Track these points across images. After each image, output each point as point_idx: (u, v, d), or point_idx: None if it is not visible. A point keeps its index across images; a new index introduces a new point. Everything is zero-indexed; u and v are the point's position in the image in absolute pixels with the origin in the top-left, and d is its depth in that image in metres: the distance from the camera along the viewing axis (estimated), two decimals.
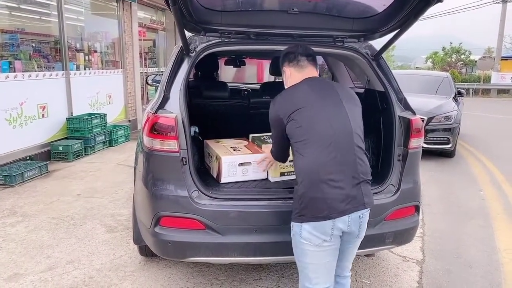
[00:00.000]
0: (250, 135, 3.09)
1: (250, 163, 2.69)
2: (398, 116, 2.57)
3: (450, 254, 3.39)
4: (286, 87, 2.12)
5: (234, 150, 2.82)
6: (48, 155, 5.89)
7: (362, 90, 3.28)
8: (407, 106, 2.62)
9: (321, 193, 1.80)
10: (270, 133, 3.36)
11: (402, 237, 2.57)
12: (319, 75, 2.22)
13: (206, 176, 2.73)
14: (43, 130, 5.95)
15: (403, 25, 2.40)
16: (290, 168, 2.70)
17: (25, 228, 3.60)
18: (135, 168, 2.75)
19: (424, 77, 9.07)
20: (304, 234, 1.84)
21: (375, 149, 2.98)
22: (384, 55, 2.81)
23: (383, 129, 2.73)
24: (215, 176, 2.69)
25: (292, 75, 2.09)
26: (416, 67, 35.89)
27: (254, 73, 9.54)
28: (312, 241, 1.84)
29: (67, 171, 5.44)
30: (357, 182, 1.84)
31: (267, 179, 2.74)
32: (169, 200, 2.26)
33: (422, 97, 6.92)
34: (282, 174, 2.76)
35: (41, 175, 5.12)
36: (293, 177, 2.72)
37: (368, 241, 2.45)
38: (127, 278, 2.83)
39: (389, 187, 2.49)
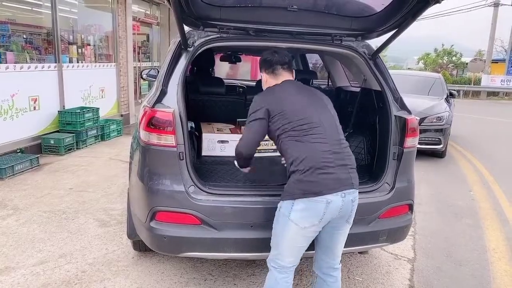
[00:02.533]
0: (237, 120, 3.63)
1: (228, 141, 3.25)
2: (394, 115, 2.59)
3: (440, 253, 3.44)
4: (264, 88, 2.29)
5: (218, 130, 3.36)
6: (39, 148, 5.82)
7: (358, 89, 3.30)
8: (403, 106, 2.65)
9: (317, 177, 1.90)
10: None
11: (396, 235, 2.60)
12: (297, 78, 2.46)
13: (203, 171, 2.73)
14: (34, 122, 5.87)
15: (401, 25, 2.42)
16: (261, 146, 3.19)
17: (16, 221, 3.55)
18: (130, 163, 2.73)
19: (417, 77, 9.15)
20: (293, 215, 1.90)
21: (370, 148, 3.00)
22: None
23: (379, 128, 2.76)
24: (199, 151, 3.18)
25: (267, 82, 2.26)
26: (408, 68, 36.16)
27: (248, 70, 9.53)
28: (299, 223, 1.90)
29: (59, 164, 5.38)
30: (345, 168, 1.98)
31: None
32: (165, 195, 2.25)
33: (414, 98, 6.97)
34: (258, 151, 3.15)
35: (32, 168, 5.06)
36: (267, 154, 3.28)
37: (362, 239, 2.49)
38: (120, 273, 2.81)
39: (384, 185, 2.52)
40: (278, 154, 3.31)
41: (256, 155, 3.24)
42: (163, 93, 2.35)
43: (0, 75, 5.20)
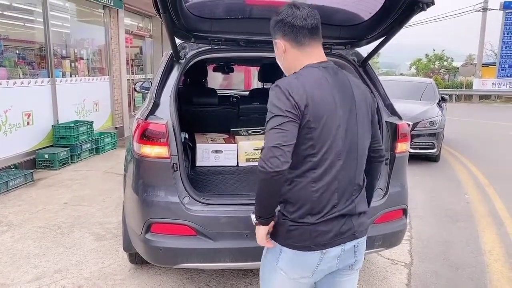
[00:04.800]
0: (231, 129, 3.74)
1: (222, 151, 3.31)
2: (385, 121, 2.62)
3: (437, 257, 3.45)
4: (286, 69, 1.60)
5: (211, 140, 3.43)
6: (34, 164, 5.80)
7: None
8: (393, 112, 2.68)
9: (308, 230, 1.46)
10: (248, 128, 3.98)
11: (391, 240, 2.61)
12: None
13: (197, 182, 2.74)
14: (28, 138, 5.86)
15: (389, 33, 2.46)
16: (255, 155, 3.34)
17: (11, 237, 3.53)
18: (124, 175, 2.73)
19: (409, 83, 9.25)
20: (282, 263, 1.52)
21: None
22: (370, 61, 2.88)
23: None
24: (193, 162, 3.27)
25: (290, 56, 1.56)
26: (401, 74, 36.49)
27: (241, 80, 9.61)
28: (288, 273, 1.52)
29: (53, 179, 5.36)
30: (350, 217, 1.52)
31: (237, 165, 3.32)
32: (160, 206, 2.25)
33: (407, 103, 7.05)
34: (248, 160, 3.36)
35: (26, 183, 5.03)
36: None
37: None
38: (116, 287, 2.80)
39: (377, 190, 2.53)
40: None
41: (250, 164, 3.36)
42: (155, 105, 2.37)
43: None
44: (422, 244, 3.69)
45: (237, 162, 3.36)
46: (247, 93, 5.28)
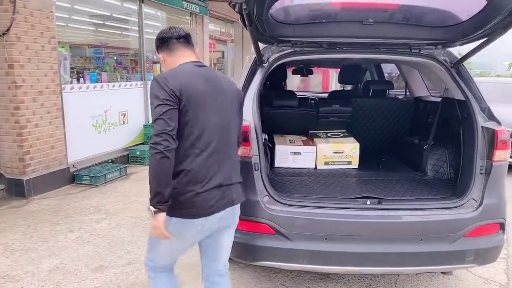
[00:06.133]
0: (309, 131, 3.76)
1: (300, 153, 3.34)
2: (481, 126, 2.42)
3: None
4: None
5: (290, 141, 3.48)
6: (127, 159, 6.38)
7: (439, 99, 3.14)
8: (491, 116, 2.46)
9: (193, 199, 1.75)
10: (327, 131, 3.90)
11: (485, 256, 2.39)
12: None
13: (275, 182, 2.79)
14: (123, 135, 6.47)
15: (490, 35, 2.26)
16: (333, 158, 3.36)
17: (108, 225, 3.93)
18: None
19: (509, 85, 8.34)
20: (171, 227, 1.77)
21: (453, 161, 2.83)
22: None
23: (464, 140, 2.59)
24: (272, 162, 3.31)
25: (166, 62, 1.94)
26: (497, 75, 33.01)
27: (319, 82, 9.50)
28: (175, 235, 1.80)
29: (143, 174, 5.83)
30: (229, 185, 1.86)
31: (315, 168, 3.33)
32: (241, 204, 2.34)
33: (507, 107, 6.35)
34: (326, 163, 3.35)
35: (120, 177, 5.56)
36: (338, 166, 3.36)
37: (446, 258, 2.34)
38: (198, 277, 2.93)
39: (470, 201, 2.35)
40: (351, 166, 3.32)
41: (328, 167, 3.33)
42: None
43: (97, 93, 5.85)
44: None
45: (315, 165, 3.35)
46: (326, 95, 5.23)
